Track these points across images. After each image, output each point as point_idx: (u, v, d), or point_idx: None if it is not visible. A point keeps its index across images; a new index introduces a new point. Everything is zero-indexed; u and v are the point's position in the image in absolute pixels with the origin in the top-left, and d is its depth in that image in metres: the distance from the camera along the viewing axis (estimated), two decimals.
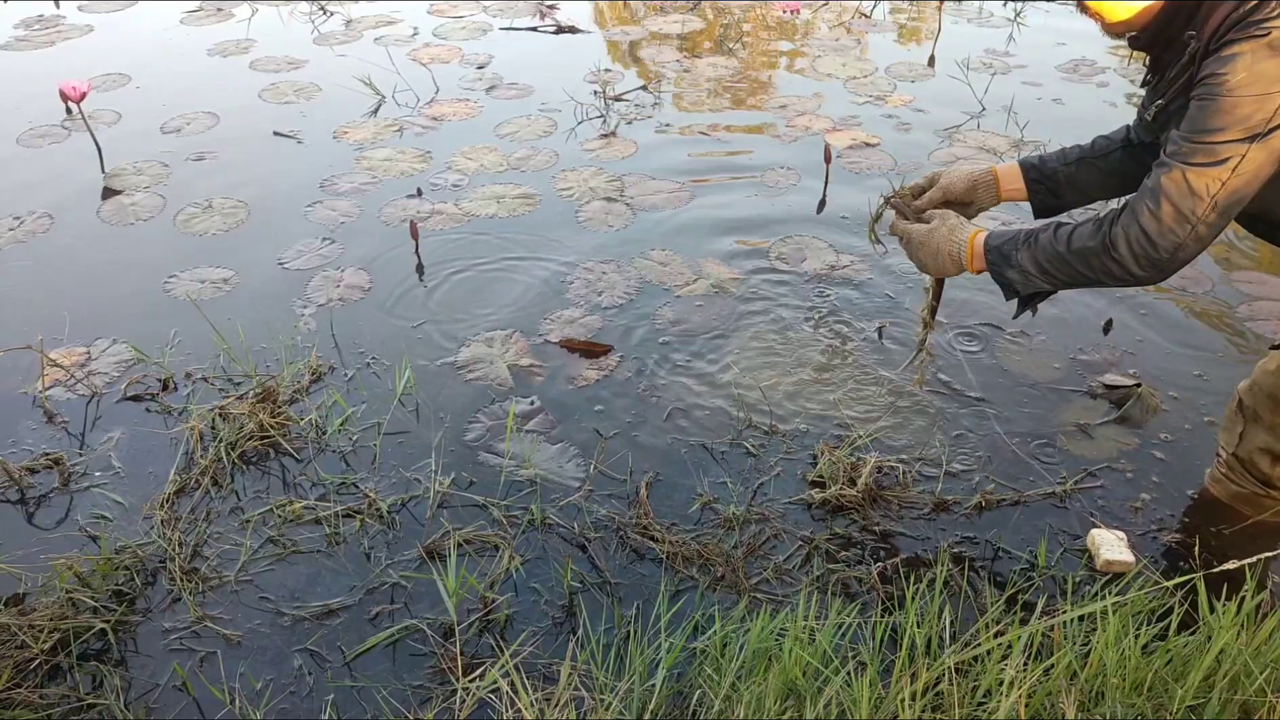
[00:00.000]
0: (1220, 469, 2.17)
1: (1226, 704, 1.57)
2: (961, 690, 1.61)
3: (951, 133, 3.91)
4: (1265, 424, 2.01)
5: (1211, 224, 1.58)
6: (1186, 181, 1.56)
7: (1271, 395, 1.97)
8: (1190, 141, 1.56)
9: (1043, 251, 1.75)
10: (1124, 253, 1.64)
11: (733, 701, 1.64)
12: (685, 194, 3.49)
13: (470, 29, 4.97)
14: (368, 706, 1.79)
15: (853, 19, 5.17)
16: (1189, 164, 1.56)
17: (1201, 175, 1.55)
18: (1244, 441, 2.07)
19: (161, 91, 4.25)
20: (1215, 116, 1.52)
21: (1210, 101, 1.52)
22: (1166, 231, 1.59)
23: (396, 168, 3.65)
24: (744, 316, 2.85)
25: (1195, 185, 1.55)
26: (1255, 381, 2.02)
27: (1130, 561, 2.05)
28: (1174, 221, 1.58)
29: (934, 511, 2.20)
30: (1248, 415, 2.04)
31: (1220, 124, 1.52)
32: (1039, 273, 1.77)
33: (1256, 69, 1.48)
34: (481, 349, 2.72)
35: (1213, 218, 1.57)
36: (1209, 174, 1.54)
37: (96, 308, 2.88)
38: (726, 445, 2.38)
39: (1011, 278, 1.82)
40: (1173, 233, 1.59)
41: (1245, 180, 1.54)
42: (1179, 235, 1.59)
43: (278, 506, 2.19)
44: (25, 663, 1.83)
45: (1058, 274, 1.76)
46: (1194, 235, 1.59)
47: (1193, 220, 1.57)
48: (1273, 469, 2.06)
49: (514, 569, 2.05)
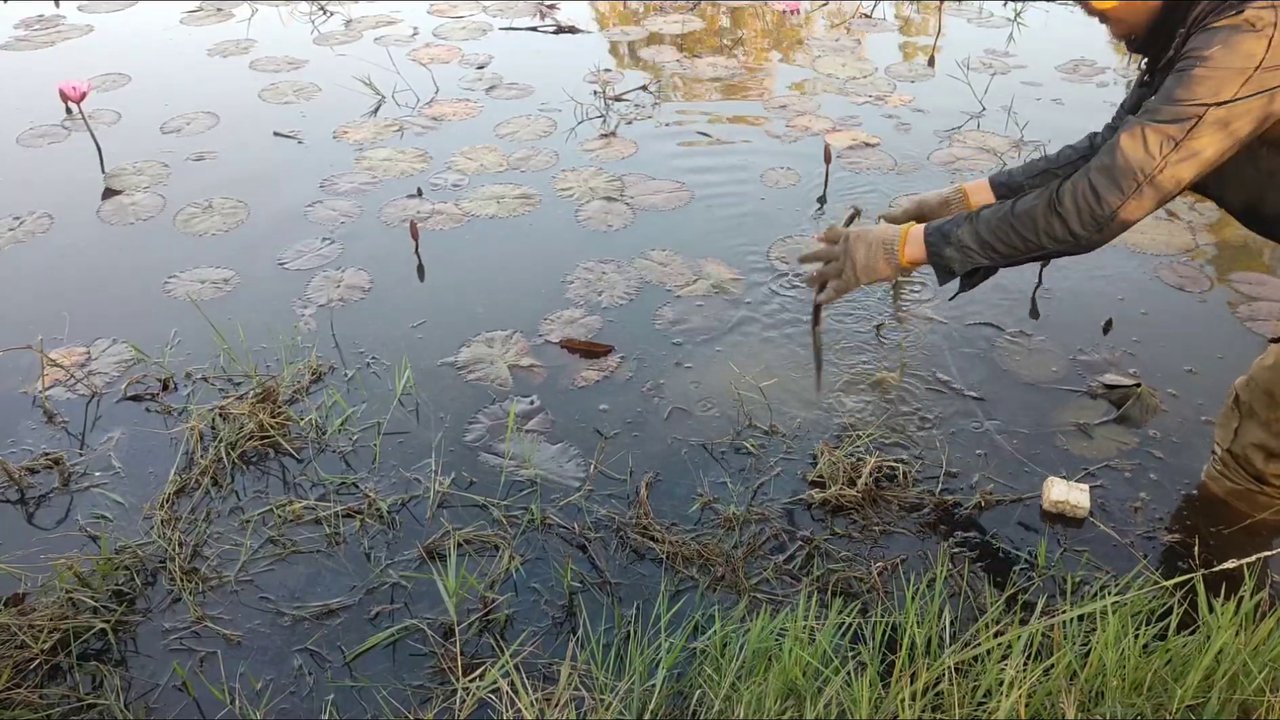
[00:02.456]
0: (1216, 466, 2.18)
1: (1226, 703, 1.58)
2: (961, 690, 1.61)
3: (951, 133, 3.91)
4: (1260, 420, 2.03)
5: (1157, 185, 1.60)
6: (1144, 136, 1.59)
7: (1268, 391, 1.98)
8: (1159, 103, 1.59)
9: (984, 223, 1.77)
10: (1069, 206, 1.66)
11: (733, 701, 1.64)
12: (685, 194, 3.49)
13: (470, 29, 4.97)
14: (368, 706, 1.79)
15: (853, 19, 5.17)
16: (1149, 122, 1.59)
17: (1158, 132, 1.57)
18: (1239, 438, 2.09)
19: (161, 91, 4.25)
20: (1186, 85, 1.56)
21: (1185, 72, 1.56)
22: (1113, 186, 1.62)
23: (396, 168, 3.65)
24: (744, 316, 2.85)
25: (1150, 141, 1.58)
26: (1252, 377, 2.03)
27: (1083, 505, 2.09)
28: (1122, 177, 1.61)
29: (934, 511, 2.20)
30: (1243, 411, 2.05)
31: (1189, 91, 1.55)
32: (978, 245, 1.79)
33: (1233, 42, 1.51)
34: (481, 349, 2.72)
35: (1160, 178, 1.59)
36: (1165, 130, 1.57)
37: (96, 308, 2.88)
38: (726, 445, 2.39)
39: (949, 255, 1.83)
40: (1118, 189, 1.62)
41: (1200, 145, 1.56)
42: (1124, 192, 1.61)
43: (278, 506, 2.19)
44: (25, 663, 1.83)
45: (998, 244, 1.77)
46: (1138, 195, 1.61)
47: (1140, 178, 1.60)
48: (1266, 465, 2.07)
49: (514, 569, 2.05)
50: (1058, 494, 2.14)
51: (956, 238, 1.81)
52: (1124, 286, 2.99)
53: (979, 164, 3.67)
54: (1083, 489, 2.16)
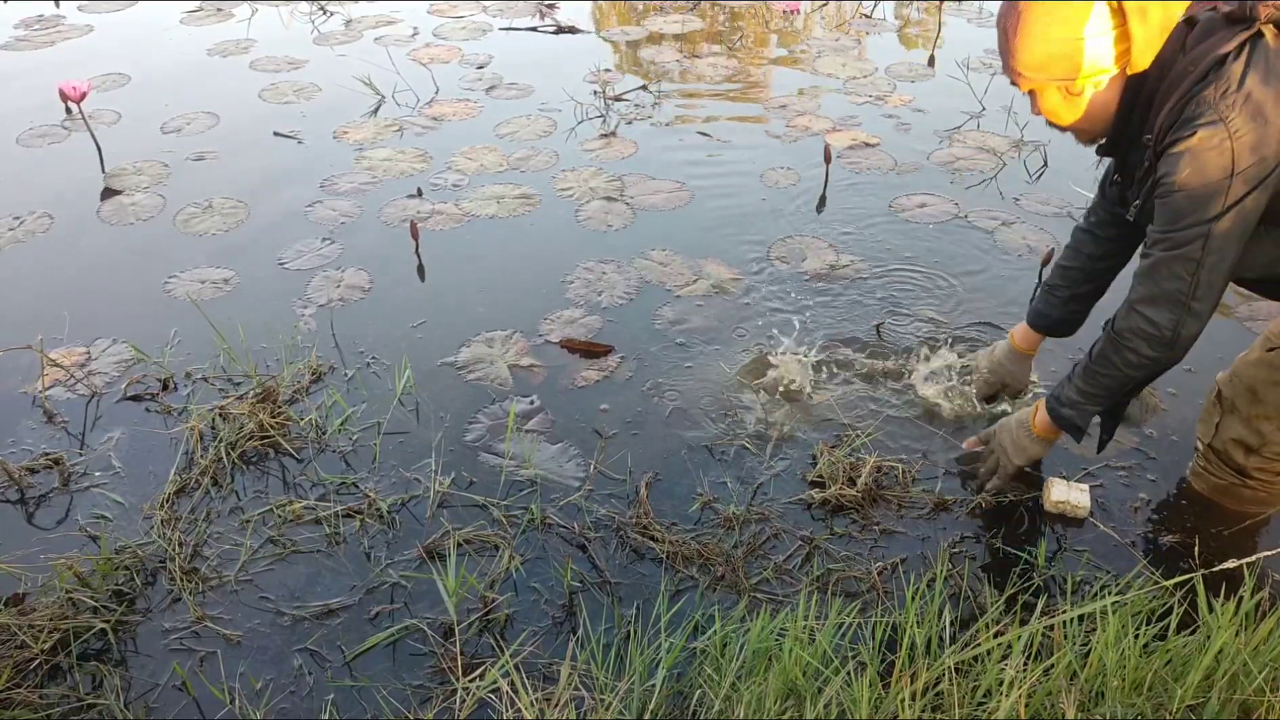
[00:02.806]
0: (1199, 462, 2.20)
1: (1226, 703, 1.58)
2: (961, 690, 1.61)
3: (951, 133, 3.91)
4: (1242, 416, 2.04)
5: (1201, 298, 1.71)
6: (1167, 268, 1.70)
7: (1250, 387, 2.00)
8: (1161, 233, 1.69)
9: (1080, 376, 1.91)
10: (1134, 343, 1.79)
11: (733, 701, 1.64)
12: (685, 194, 3.49)
13: (470, 29, 4.97)
14: (368, 706, 1.79)
15: (853, 19, 5.17)
16: (1165, 253, 1.69)
17: (1176, 261, 1.68)
18: (1219, 433, 2.10)
19: (161, 91, 4.25)
20: (1175, 211, 1.65)
21: (1168, 199, 1.66)
22: (1163, 315, 1.73)
23: (396, 168, 3.65)
24: (744, 316, 2.85)
25: (1175, 269, 1.69)
26: (1235, 373, 2.05)
27: (1083, 505, 2.12)
28: (1167, 305, 1.72)
29: (934, 511, 2.20)
30: (1225, 406, 2.07)
31: (1180, 216, 1.65)
32: (1084, 398, 1.92)
33: (1197, 164, 1.60)
34: (481, 349, 2.72)
35: (1198, 293, 1.70)
36: (1183, 254, 1.67)
37: (96, 308, 2.88)
38: (726, 445, 2.39)
39: (1068, 415, 1.96)
40: (1169, 314, 1.73)
41: (1216, 257, 1.66)
42: (1175, 315, 1.73)
43: (278, 506, 2.19)
44: (25, 663, 1.83)
45: (1097, 390, 1.90)
46: (1189, 311, 1.72)
47: (1183, 300, 1.71)
48: (1247, 459, 2.08)
49: (514, 569, 2.05)
50: (1058, 494, 2.15)
51: (1066, 398, 1.95)
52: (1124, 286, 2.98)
53: (979, 164, 3.67)
54: (1083, 489, 2.16)
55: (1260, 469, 2.08)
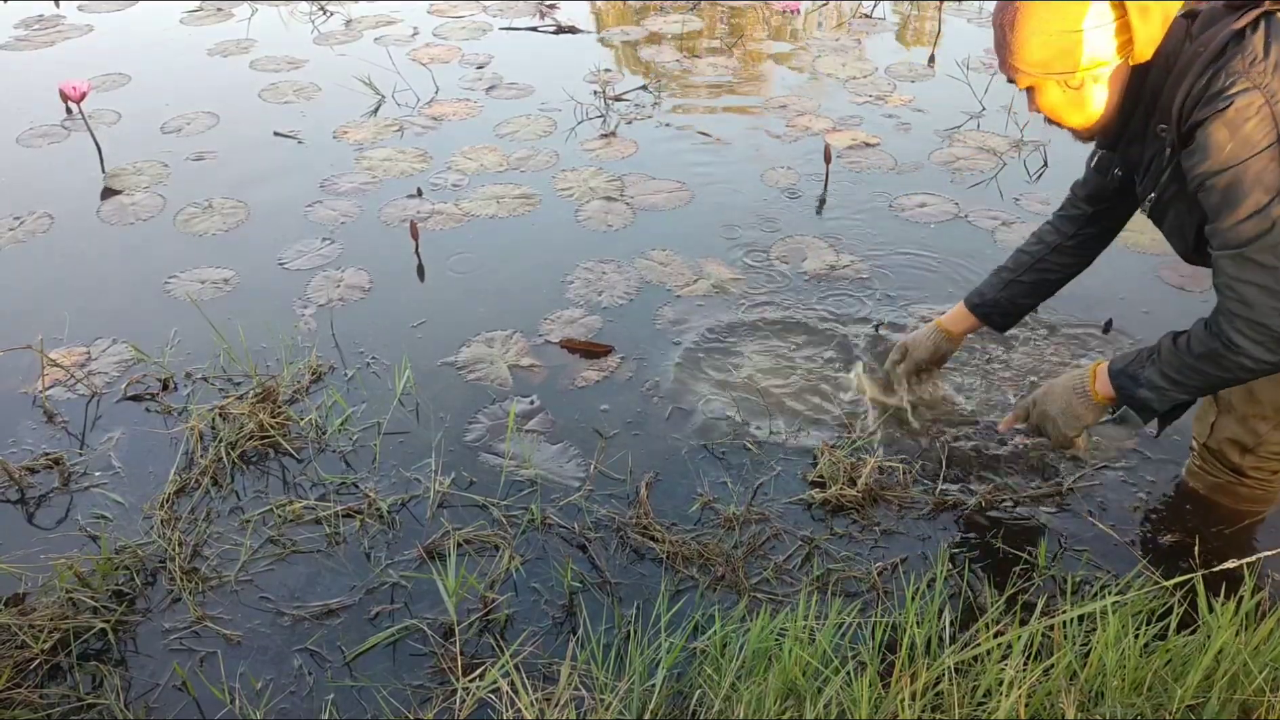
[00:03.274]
0: (1195, 461, 2.20)
1: (1226, 703, 1.58)
2: (961, 690, 1.61)
3: (951, 133, 3.91)
4: (1237, 415, 2.03)
5: None
6: (1251, 262, 1.58)
7: (1248, 387, 1.99)
8: (1226, 228, 1.59)
9: (1169, 364, 1.78)
10: (1245, 345, 1.64)
11: (733, 701, 1.64)
12: (685, 193, 3.49)
13: (470, 29, 4.97)
14: (368, 706, 1.79)
15: (853, 19, 5.17)
16: (1240, 248, 1.58)
17: (1260, 250, 1.56)
18: (1214, 432, 2.10)
19: (161, 91, 4.25)
20: (1230, 199, 1.56)
21: (1216, 191, 1.57)
22: (1269, 311, 1.59)
23: (396, 168, 3.65)
24: (744, 316, 2.85)
25: (1260, 261, 1.57)
26: None
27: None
28: (1269, 298, 1.59)
29: (934, 511, 2.20)
30: (1221, 405, 2.06)
31: (1238, 201, 1.55)
32: (1171, 385, 1.79)
33: (1238, 137, 1.53)
34: (481, 349, 2.72)
35: None
36: (1263, 245, 1.56)
37: (96, 308, 2.88)
38: (726, 445, 2.38)
39: (1145, 397, 1.84)
40: (1274, 309, 1.59)
41: None
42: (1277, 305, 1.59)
43: (278, 506, 2.19)
44: (25, 663, 1.83)
45: (1190, 382, 1.77)
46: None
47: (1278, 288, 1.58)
48: (1242, 458, 2.08)
49: (514, 569, 2.05)
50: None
51: (1147, 379, 1.82)
52: (1125, 286, 2.99)
53: (979, 164, 3.67)
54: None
55: (1256, 468, 2.08)
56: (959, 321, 2.33)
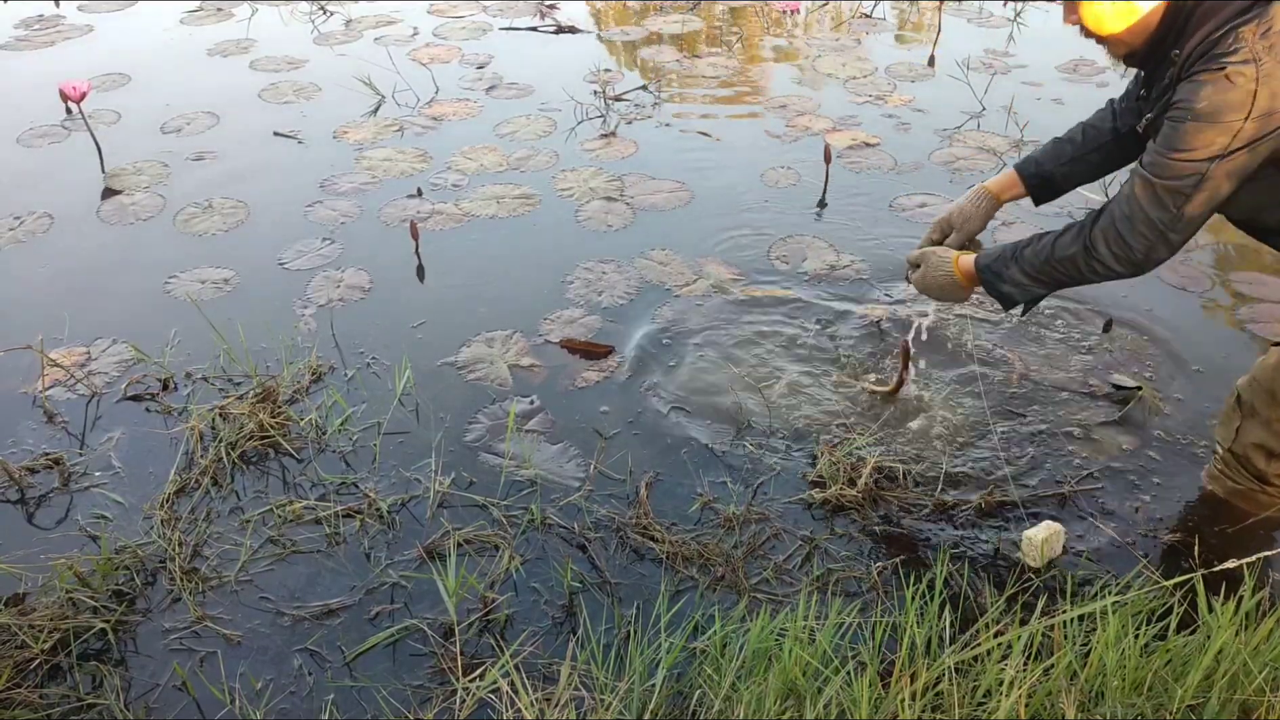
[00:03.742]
0: (1217, 465, 2.18)
1: (1226, 703, 1.57)
2: (961, 690, 1.61)
3: (951, 133, 3.91)
4: (1262, 419, 2.03)
5: (1179, 230, 1.74)
6: (1155, 194, 1.72)
7: (1270, 391, 1.98)
8: (1162, 157, 1.70)
9: (1030, 264, 1.93)
10: (1104, 253, 1.81)
11: (733, 701, 1.64)
12: (685, 194, 3.49)
13: (470, 29, 4.97)
14: (368, 706, 1.79)
15: (853, 19, 5.17)
16: (1159, 178, 1.71)
17: (1168, 189, 1.70)
18: (1240, 437, 2.09)
19: (161, 91, 4.25)
20: (1183, 138, 1.66)
21: (1180, 124, 1.67)
22: (1139, 235, 1.76)
23: (396, 168, 3.65)
24: (744, 316, 2.85)
25: (1163, 198, 1.71)
26: (1254, 377, 2.03)
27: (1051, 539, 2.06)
28: (1145, 227, 1.75)
29: (934, 511, 2.20)
30: (1245, 411, 2.05)
31: (1187, 145, 1.66)
32: (1032, 281, 1.94)
33: (1218, 99, 1.61)
34: (481, 349, 2.72)
35: (1179, 225, 1.73)
36: (1174, 186, 1.69)
37: (96, 308, 2.88)
38: (726, 445, 2.38)
39: (1008, 291, 1.99)
40: (1144, 237, 1.76)
41: (1207, 195, 1.69)
42: (1150, 239, 1.76)
43: (278, 506, 2.19)
44: (25, 662, 1.83)
45: (1048, 279, 1.93)
46: (1164, 240, 1.76)
47: (1161, 227, 1.74)
48: (1268, 465, 2.07)
49: (514, 569, 2.05)
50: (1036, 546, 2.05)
51: (1010, 277, 1.96)
52: (1125, 285, 2.99)
53: (979, 164, 3.67)
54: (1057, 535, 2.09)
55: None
56: (1008, 188, 2.20)
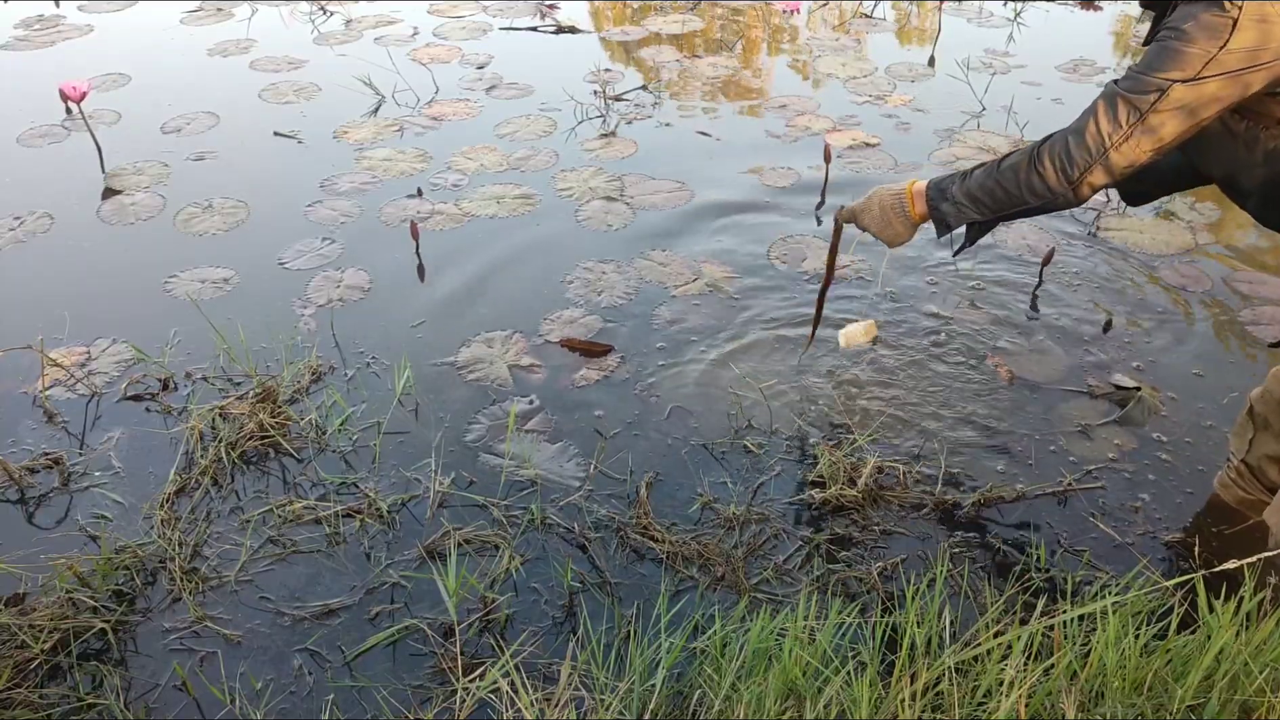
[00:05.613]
0: (1230, 474, 2.17)
1: (1226, 704, 1.57)
2: (961, 690, 1.61)
3: (951, 133, 3.91)
4: (1275, 432, 2.01)
5: (1123, 153, 1.66)
6: (1113, 106, 1.65)
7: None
8: (1134, 72, 1.64)
9: (975, 181, 1.86)
10: (1046, 165, 1.74)
11: (733, 701, 1.64)
12: (685, 194, 3.49)
13: (470, 29, 4.97)
14: (368, 706, 1.79)
15: (853, 19, 5.17)
16: (1121, 90, 1.64)
17: (1127, 102, 1.63)
18: (1254, 449, 2.07)
19: (161, 91, 4.25)
20: (1160, 57, 1.60)
21: (1163, 44, 1.61)
22: (1083, 149, 1.69)
23: (396, 168, 3.65)
24: (744, 316, 2.85)
25: (1118, 111, 1.64)
26: (1267, 389, 2.01)
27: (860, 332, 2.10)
28: (1092, 140, 1.68)
29: (934, 511, 2.20)
30: (1258, 423, 2.03)
31: (1162, 64, 1.60)
32: (970, 201, 1.87)
33: (1205, 19, 1.55)
34: (481, 349, 2.72)
35: (1124, 146, 1.65)
36: (1133, 101, 1.62)
37: (96, 308, 2.88)
38: (726, 445, 2.38)
39: (946, 210, 1.91)
40: (1088, 151, 1.69)
41: (1160, 120, 1.62)
42: (1092, 154, 1.68)
43: (278, 506, 2.19)
44: (25, 663, 1.83)
45: (987, 198, 1.85)
46: (1105, 160, 1.68)
47: (1107, 145, 1.67)
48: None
49: (514, 569, 2.05)
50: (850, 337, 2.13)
51: (952, 194, 1.89)
52: (1125, 286, 2.99)
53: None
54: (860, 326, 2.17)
55: None
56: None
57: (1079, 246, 3.19)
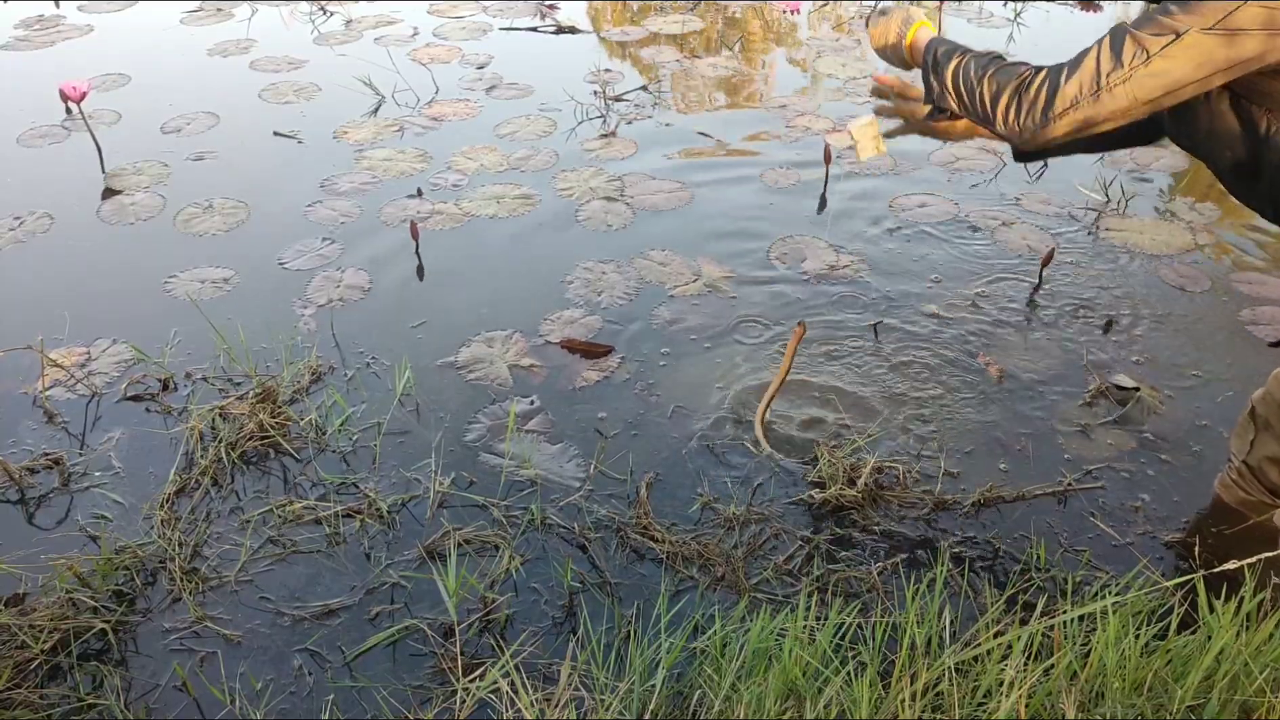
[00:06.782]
0: (1231, 475, 2.16)
1: (1226, 704, 1.57)
2: (961, 690, 1.61)
3: None
4: (1276, 433, 2.00)
5: (1115, 97, 1.55)
6: (1119, 43, 1.54)
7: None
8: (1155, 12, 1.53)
9: (965, 71, 1.74)
10: (1037, 84, 1.62)
11: (733, 702, 1.64)
12: (685, 194, 3.49)
13: (470, 29, 4.97)
14: (368, 706, 1.79)
15: (853, 19, 5.17)
16: (1135, 27, 1.53)
17: (1135, 41, 1.52)
18: (1255, 450, 2.06)
19: (161, 91, 4.25)
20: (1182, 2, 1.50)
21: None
22: (1074, 82, 1.57)
23: (396, 168, 3.65)
24: (744, 316, 2.85)
25: (1123, 49, 1.53)
26: (1269, 391, 2.00)
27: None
28: (1087, 76, 1.57)
29: (934, 511, 2.20)
30: (1259, 424, 2.03)
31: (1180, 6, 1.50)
32: (951, 87, 1.77)
33: None
34: (481, 349, 2.72)
35: (1117, 91, 1.54)
36: (1143, 39, 1.51)
37: (96, 308, 2.88)
38: (727, 445, 2.38)
39: (931, 83, 1.83)
40: (1078, 85, 1.57)
41: (1167, 66, 1.51)
42: (1080, 95, 1.57)
43: (278, 506, 2.19)
44: (25, 663, 1.83)
45: (965, 95, 1.74)
46: (1092, 103, 1.56)
47: (1099, 83, 1.55)
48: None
49: (514, 569, 2.05)
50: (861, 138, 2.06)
51: (941, 71, 1.79)
52: (1124, 286, 2.99)
53: (979, 164, 3.67)
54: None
55: None
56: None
57: (1079, 246, 3.19)
